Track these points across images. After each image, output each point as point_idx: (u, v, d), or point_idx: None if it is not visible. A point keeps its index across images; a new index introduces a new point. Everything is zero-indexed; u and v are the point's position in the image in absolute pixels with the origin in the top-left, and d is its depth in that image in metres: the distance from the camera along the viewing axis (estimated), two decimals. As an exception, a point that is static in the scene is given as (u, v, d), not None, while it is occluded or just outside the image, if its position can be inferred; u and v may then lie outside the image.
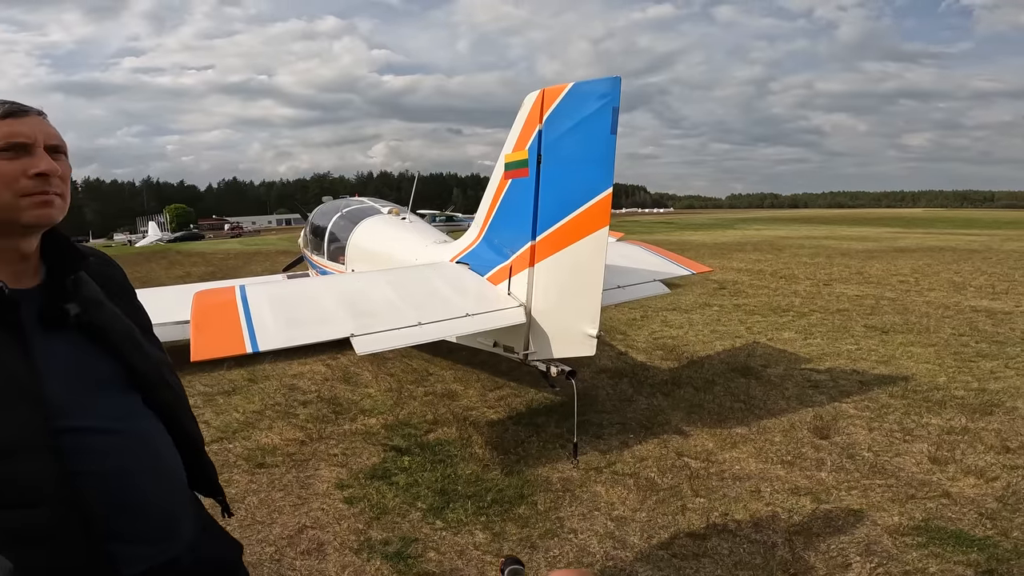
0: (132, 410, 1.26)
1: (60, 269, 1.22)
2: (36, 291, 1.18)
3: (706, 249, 20.96)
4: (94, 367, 1.20)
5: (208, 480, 1.49)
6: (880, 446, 4.17)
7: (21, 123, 1.13)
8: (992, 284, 11.45)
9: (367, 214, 7.09)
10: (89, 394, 1.18)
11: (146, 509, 1.24)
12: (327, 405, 5.35)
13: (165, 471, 1.30)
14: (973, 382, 5.51)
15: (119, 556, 1.19)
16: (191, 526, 1.39)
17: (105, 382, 1.22)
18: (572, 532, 3.21)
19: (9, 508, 1.08)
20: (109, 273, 1.38)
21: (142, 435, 1.26)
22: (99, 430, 1.18)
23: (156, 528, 1.28)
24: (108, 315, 1.27)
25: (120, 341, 1.26)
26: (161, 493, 1.28)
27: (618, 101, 3.43)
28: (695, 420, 4.72)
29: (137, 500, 1.22)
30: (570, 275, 3.75)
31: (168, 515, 1.30)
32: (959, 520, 3.22)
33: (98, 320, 1.23)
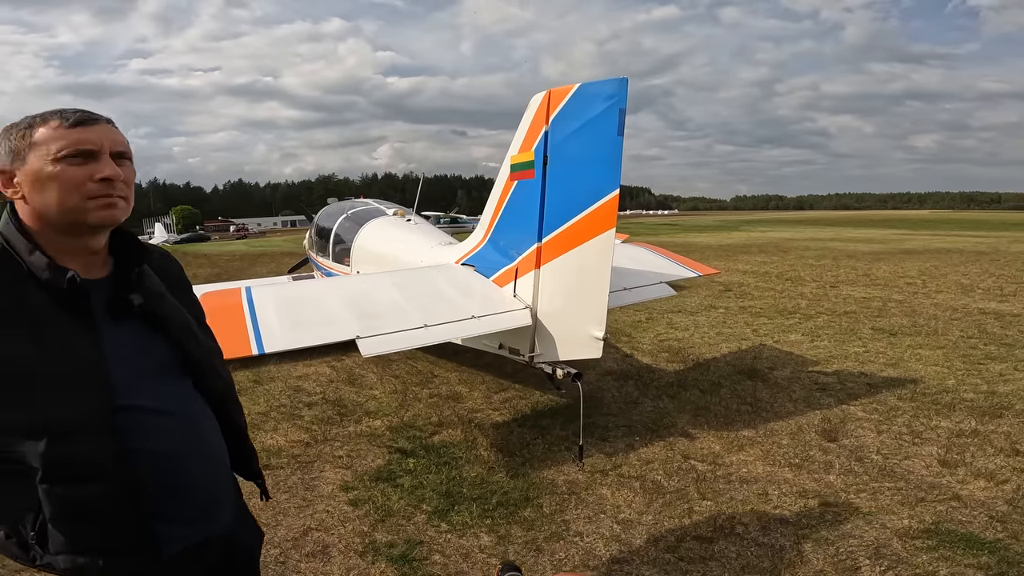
0: (185, 395, 1.36)
1: (126, 263, 1.33)
2: (104, 282, 1.30)
3: (711, 251, 20.90)
4: (153, 353, 1.31)
5: (249, 464, 1.60)
6: (889, 449, 4.13)
7: (89, 131, 1.23)
8: (1000, 286, 11.36)
9: (372, 216, 7.10)
10: (148, 378, 1.29)
11: (190, 490, 1.34)
12: (332, 407, 5.34)
13: (210, 454, 1.40)
14: (982, 384, 5.46)
15: (161, 535, 1.30)
16: (230, 510, 1.50)
17: (163, 367, 1.33)
18: (578, 535, 3.20)
19: (71, 483, 1.18)
20: (169, 268, 1.50)
21: (191, 418, 1.36)
22: (154, 411, 1.28)
23: (197, 509, 1.37)
24: (168, 306, 1.37)
25: (177, 330, 1.37)
26: (205, 475, 1.38)
27: (625, 102, 3.42)
28: (701, 423, 4.70)
29: (183, 481, 1.32)
30: (576, 277, 3.73)
31: (209, 497, 1.40)
32: (969, 523, 3.19)
33: (159, 310, 1.34)
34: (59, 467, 1.16)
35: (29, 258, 1.19)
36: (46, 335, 1.16)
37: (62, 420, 1.16)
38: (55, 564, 1.24)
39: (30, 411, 1.14)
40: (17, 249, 1.21)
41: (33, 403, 1.14)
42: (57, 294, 1.18)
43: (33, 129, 1.22)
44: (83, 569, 1.24)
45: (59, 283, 1.18)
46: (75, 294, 1.19)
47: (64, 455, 1.16)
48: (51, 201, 1.21)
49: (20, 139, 1.22)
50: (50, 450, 1.15)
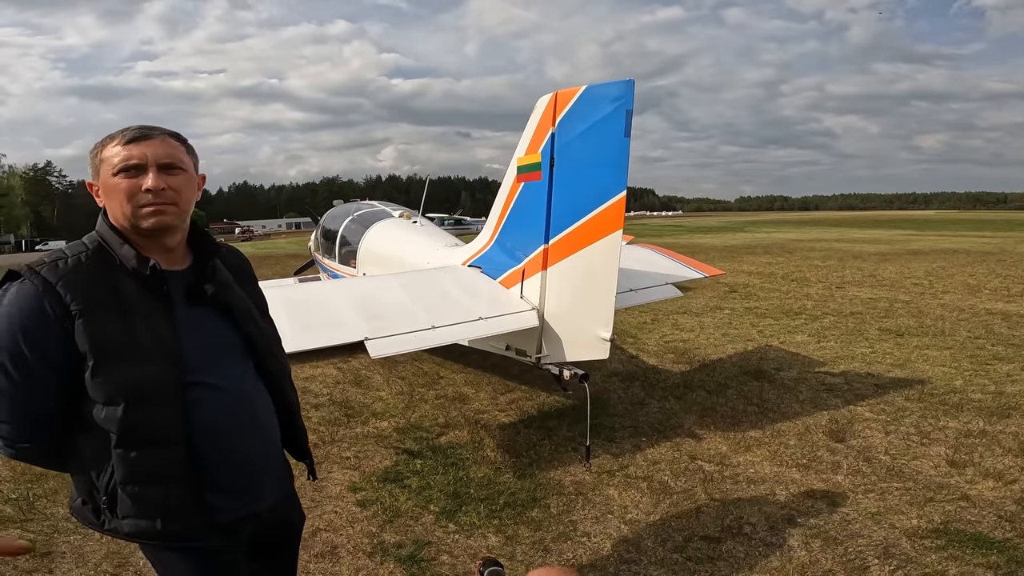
0: (245, 374, 1.53)
1: (203, 257, 1.53)
2: (184, 273, 1.49)
3: (716, 252, 20.87)
4: (221, 336, 1.50)
5: (300, 443, 1.77)
6: (897, 449, 4.12)
7: (138, 146, 1.39)
8: (1007, 286, 11.31)
9: (378, 217, 7.12)
10: (214, 357, 1.46)
11: (242, 463, 1.50)
12: (339, 408, 5.37)
13: (262, 430, 1.56)
14: (990, 385, 5.44)
15: (213, 503, 1.45)
16: (278, 487, 1.65)
17: (228, 349, 1.50)
18: (585, 535, 3.20)
19: (142, 447, 1.36)
20: (238, 263, 1.67)
21: (249, 396, 1.52)
22: (217, 387, 1.44)
23: (247, 481, 1.52)
24: (235, 296, 1.56)
25: (242, 317, 1.54)
26: (257, 450, 1.53)
27: (632, 104, 3.42)
28: (708, 423, 4.70)
29: (235, 453, 1.47)
30: (583, 278, 3.74)
31: (259, 471, 1.55)
32: (978, 523, 3.18)
33: (227, 299, 1.52)
34: (133, 432, 1.34)
35: (120, 251, 1.39)
36: (133, 316, 1.35)
37: (138, 389, 1.33)
38: (119, 528, 1.41)
39: (112, 380, 1.32)
40: (110, 244, 1.41)
41: (115, 373, 1.32)
42: (142, 280, 1.38)
43: (102, 148, 1.42)
44: (144, 532, 1.40)
45: (143, 270, 1.38)
46: (156, 280, 1.38)
47: (138, 421, 1.33)
48: (115, 208, 1.41)
49: (95, 157, 1.42)
50: (126, 416, 1.33)
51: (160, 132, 1.44)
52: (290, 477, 1.74)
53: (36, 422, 1.37)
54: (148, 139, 1.41)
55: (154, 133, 1.43)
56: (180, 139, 1.47)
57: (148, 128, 1.43)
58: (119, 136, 1.41)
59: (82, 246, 1.41)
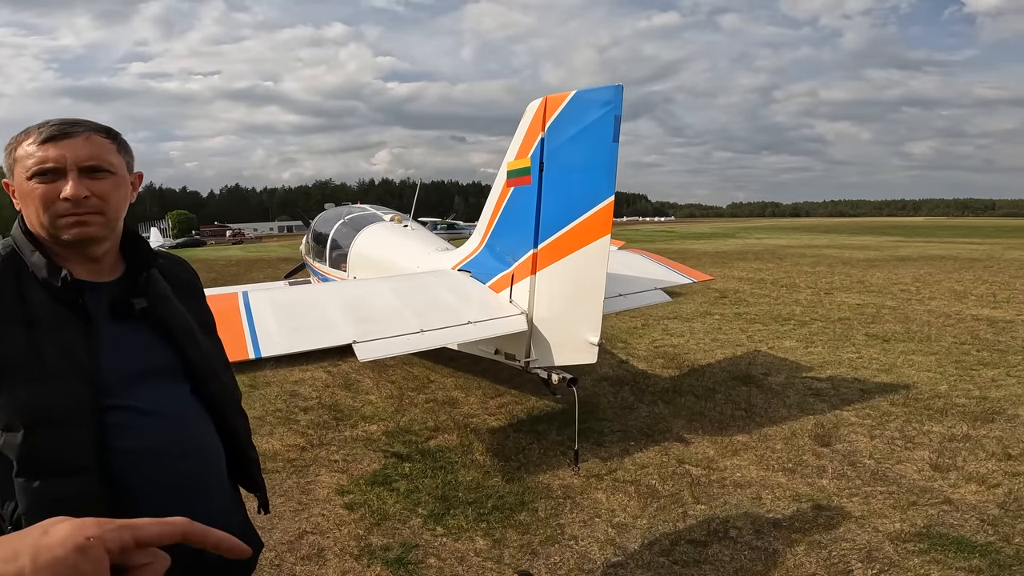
0: (179, 397, 1.36)
1: (135, 267, 1.36)
2: (112, 284, 1.32)
3: (707, 258, 20.98)
4: (151, 355, 1.32)
5: (250, 475, 1.57)
6: (881, 453, 4.16)
7: (55, 147, 1.22)
8: (993, 293, 11.45)
9: (369, 221, 7.12)
10: (141, 378, 1.29)
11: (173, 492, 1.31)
12: (328, 411, 5.35)
13: (198, 457, 1.38)
14: (974, 390, 5.50)
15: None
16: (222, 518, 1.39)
17: (160, 370, 1.33)
18: (573, 539, 3.21)
19: (51, 476, 1.18)
20: (178, 273, 1.50)
21: (183, 420, 1.35)
22: (145, 412, 1.27)
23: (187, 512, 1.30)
24: (172, 310, 1.39)
25: (179, 334, 1.37)
26: (192, 479, 1.34)
27: (620, 109, 3.46)
28: (696, 428, 4.72)
29: (166, 481, 1.30)
30: (572, 283, 3.76)
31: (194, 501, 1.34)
32: (961, 527, 3.22)
33: (163, 314, 1.36)
34: (34, 459, 1.17)
35: (31, 258, 1.23)
36: (40, 331, 1.19)
37: (41, 412, 1.17)
38: None
39: (11, 402, 1.16)
40: (22, 250, 1.25)
41: (15, 394, 1.16)
42: (55, 292, 1.22)
43: (17, 145, 1.25)
44: None
45: (54, 281, 1.21)
46: (68, 292, 1.22)
47: (40, 447, 1.17)
48: (31, 215, 1.25)
49: (8, 155, 1.26)
50: (27, 441, 1.16)
51: (84, 128, 1.26)
52: (239, 506, 1.56)
53: None
54: (69, 137, 1.23)
55: (76, 130, 1.25)
56: (111, 134, 1.31)
57: (70, 124, 1.25)
58: (35, 133, 1.24)
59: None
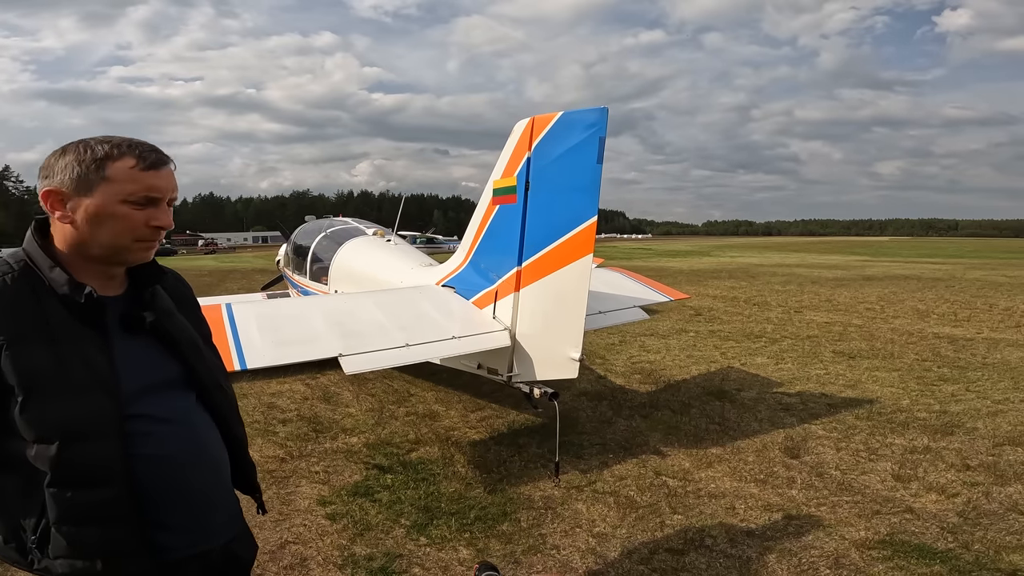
0: (188, 407, 1.43)
1: (141, 282, 1.41)
2: (120, 299, 1.37)
3: (683, 276, 21.38)
4: (161, 367, 1.39)
5: (248, 478, 1.65)
6: (847, 465, 4.35)
7: (159, 177, 1.31)
8: (955, 312, 11.93)
9: (352, 235, 7.16)
10: (156, 390, 1.36)
11: (191, 499, 1.38)
12: (307, 424, 5.35)
13: (212, 464, 1.45)
14: (935, 404, 5.76)
15: (159, 541, 1.33)
16: (230, 524, 1.52)
17: (169, 381, 1.40)
18: (555, 548, 3.29)
19: (80, 486, 1.24)
20: (180, 289, 1.58)
21: (196, 429, 1.42)
22: (161, 420, 1.35)
23: (196, 517, 1.40)
24: (177, 324, 1.45)
25: (185, 347, 1.44)
26: (206, 485, 1.42)
27: (605, 131, 3.60)
28: (672, 441, 4.85)
29: (184, 489, 1.37)
30: (555, 300, 3.87)
31: (210, 508, 1.44)
32: (922, 534, 3.38)
33: (168, 327, 1.42)
34: (68, 470, 1.22)
35: (50, 274, 1.26)
36: (63, 346, 1.23)
37: (73, 426, 1.22)
38: (52, 568, 1.28)
39: (43, 417, 1.21)
40: (39, 266, 1.27)
41: (46, 409, 1.20)
42: (74, 308, 1.25)
43: (108, 163, 1.26)
44: (80, 573, 1.27)
45: (77, 298, 1.25)
46: (92, 308, 1.26)
47: (74, 459, 1.22)
48: (104, 236, 1.28)
49: (92, 170, 1.25)
50: (61, 453, 1.21)
51: (170, 160, 1.34)
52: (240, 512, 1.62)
53: None
54: (164, 166, 1.32)
55: (166, 159, 1.33)
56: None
57: (158, 151, 1.32)
58: (134, 157, 1.28)
59: (6, 266, 1.27)
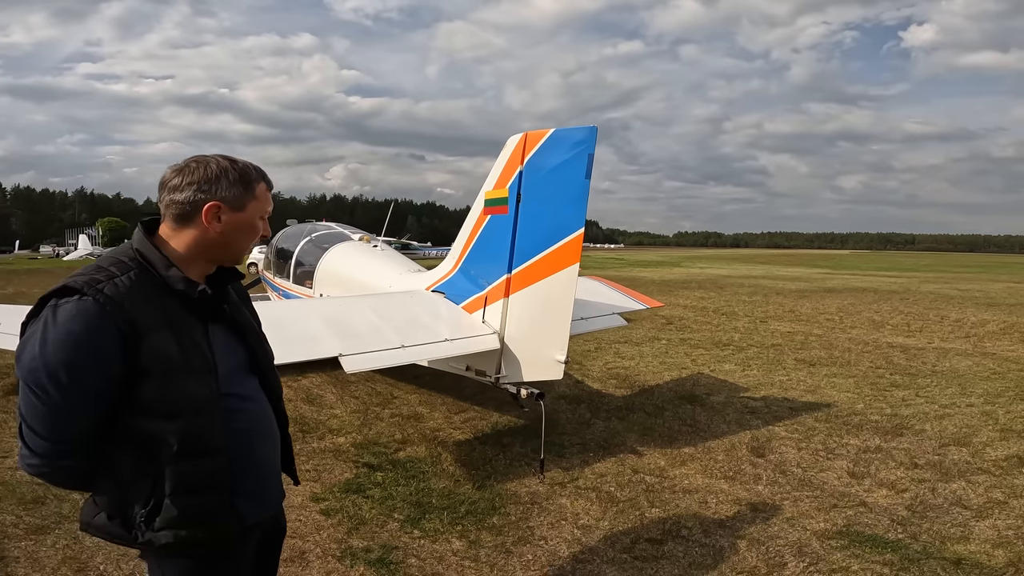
0: (257, 387, 1.64)
1: (220, 279, 1.60)
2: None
3: (655, 286, 21.90)
4: (236, 351, 1.59)
5: (289, 454, 1.83)
6: (807, 463, 4.69)
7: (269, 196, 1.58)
8: (908, 323, 12.61)
9: (337, 240, 7.27)
10: (237, 372, 1.57)
11: (262, 470, 1.59)
12: (293, 424, 5.31)
13: (273, 439, 1.67)
14: (887, 408, 6.20)
15: (240, 508, 1.52)
16: (279, 494, 1.73)
17: (243, 364, 1.61)
18: (543, 539, 3.51)
19: (198, 457, 1.42)
20: (239, 286, 1.76)
21: (265, 406, 1.64)
22: (243, 397, 1.56)
23: (265, 489, 1.61)
24: (244, 315, 1.67)
25: (250, 335, 1.65)
26: (273, 457, 1.65)
27: (593, 148, 3.85)
28: (648, 441, 5.13)
29: (258, 460, 1.58)
30: (542, 306, 4.10)
31: (273, 478, 1.65)
32: (875, 526, 3.70)
33: (240, 319, 1.64)
34: (191, 441, 1.40)
35: (167, 272, 1.44)
36: (181, 333, 1.42)
37: (196, 403, 1.41)
38: (155, 540, 1.41)
39: (176, 394, 1.39)
40: (155, 264, 1.44)
41: (178, 387, 1.39)
42: (188, 302, 1.45)
43: (254, 186, 1.52)
44: (186, 541, 1.42)
45: (193, 293, 1.45)
46: (203, 302, 1.47)
47: (193, 432, 1.41)
48: (241, 244, 1.54)
49: (244, 190, 1.50)
50: (186, 428, 1.39)
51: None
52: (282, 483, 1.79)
53: (81, 439, 1.37)
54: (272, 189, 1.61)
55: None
56: None
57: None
58: (264, 182, 1.55)
59: (125, 264, 1.42)
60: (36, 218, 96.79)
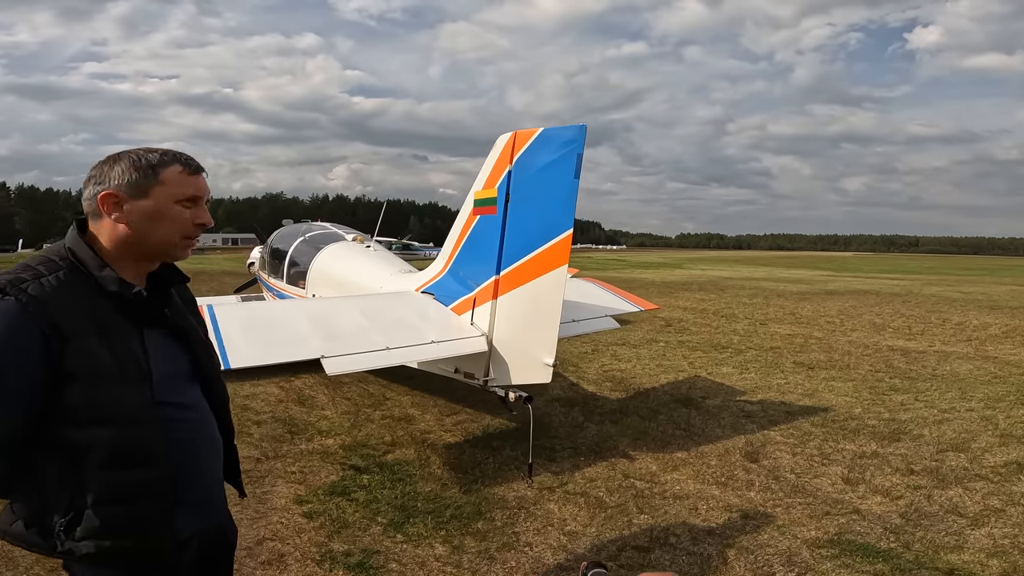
0: (198, 395, 1.57)
1: (163, 281, 1.54)
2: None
3: (655, 288, 21.82)
4: (177, 358, 1.52)
5: (235, 465, 1.77)
6: (801, 468, 4.61)
7: (199, 179, 1.47)
8: (909, 326, 12.51)
9: (331, 240, 7.23)
10: (175, 379, 1.49)
11: (202, 478, 1.53)
12: (282, 425, 5.40)
13: (216, 449, 1.61)
14: (885, 413, 6.11)
15: (178, 518, 1.45)
16: (223, 504, 1.68)
17: (183, 371, 1.53)
18: (528, 545, 3.44)
19: (129, 467, 1.36)
20: (184, 290, 1.68)
21: (205, 415, 1.57)
22: (182, 406, 1.49)
23: (204, 497, 1.56)
24: (186, 320, 1.60)
25: (195, 342, 1.58)
26: (213, 467, 1.58)
27: (583, 148, 3.79)
28: (640, 445, 5.06)
29: (199, 470, 1.51)
30: (531, 308, 4.04)
31: (216, 487, 1.60)
32: (867, 534, 3.63)
33: (182, 323, 1.56)
34: (121, 451, 1.34)
35: (99, 272, 1.37)
36: (111, 337, 1.35)
37: (127, 411, 1.34)
38: (76, 550, 1.35)
39: (103, 400, 1.32)
40: (87, 264, 1.37)
41: (106, 394, 1.32)
42: (121, 304, 1.37)
43: (159, 170, 1.40)
44: (106, 552, 1.35)
45: (127, 295, 1.38)
46: (137, 305, 1.40)
47: (126, 441, 1.34)
48: (158, 235, 1.42)
49: (144, 176, 1.38)
50: (115, 436, 1.33)
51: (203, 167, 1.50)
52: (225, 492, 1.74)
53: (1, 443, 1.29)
54: (202, 172, 1.48)
55: (202, 168, 1.49)
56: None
57: (197, 160, 1.48)
58: (179, 164, 1.43)
59: (55, 263, 1.35)
60: (40, 217, 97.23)
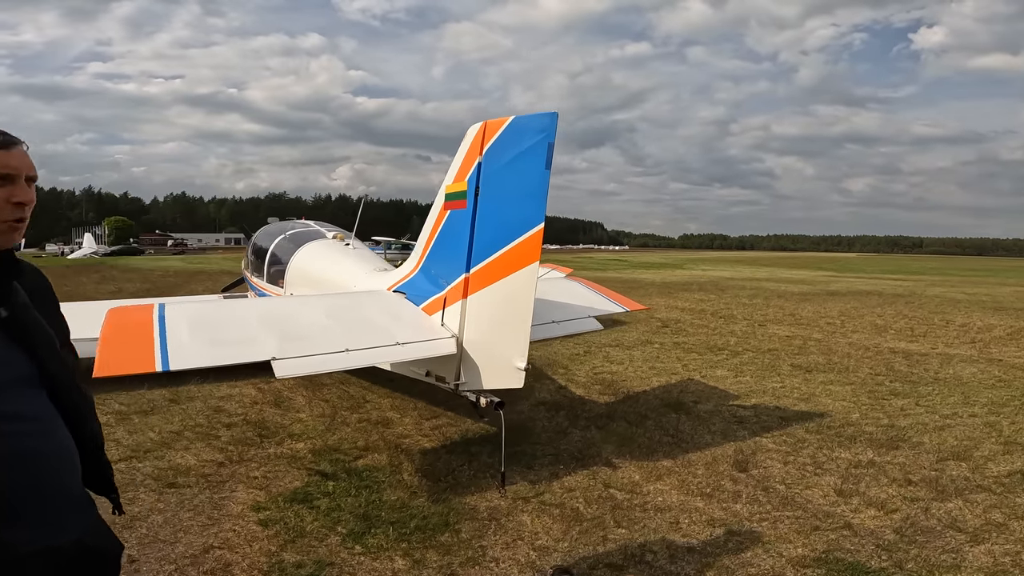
0: (41, 404, 1.41)
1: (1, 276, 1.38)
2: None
3: (654, 288, 21.57)
4: (13, 362, 1.35)
5: (104, 479, 1.63)
6: (792, 479, 4.36)
7: (10, 155, 1.32)
8: (911, 327, 12.23)
9: (310, 238, 7.03)
10: (8, 386, 1.33)
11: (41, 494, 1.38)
12: (253, 428, 5.20)
13: (62, 462, 1.45)
14: (884, 418, 5.85)
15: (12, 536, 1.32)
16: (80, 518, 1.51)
17: (21, 378, 1.37)
18: (494, 561, 3.22)
19: None
20: (38, 283, 1.52)
21: (48, 427, 1.41)
22: (14, 416, 1.33)
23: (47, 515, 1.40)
24: (32, 320, 1.42)
25: (39, 344, 1.41)
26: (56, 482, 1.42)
27: (554, 136, 3.56)
28: (625, 453, 4.82)
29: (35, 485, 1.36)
30: (501, 308, 3.82)
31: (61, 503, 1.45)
32: (858, 552, 3.38)
33: (23, 324, 1.39)
34: None
35: None
36: None
37: None
38: None
39: None
40: None
41: None
42: None
43: None
44: None
45: None
46: None
47: None
48: None
49: None
50: None
51: (20, 141, 1.37)
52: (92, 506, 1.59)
53: None
54: (16, 146, 1.34)
55: (18, 142, 1.36)
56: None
57: (10, 135, 1.35)
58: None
59: None
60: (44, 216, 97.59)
